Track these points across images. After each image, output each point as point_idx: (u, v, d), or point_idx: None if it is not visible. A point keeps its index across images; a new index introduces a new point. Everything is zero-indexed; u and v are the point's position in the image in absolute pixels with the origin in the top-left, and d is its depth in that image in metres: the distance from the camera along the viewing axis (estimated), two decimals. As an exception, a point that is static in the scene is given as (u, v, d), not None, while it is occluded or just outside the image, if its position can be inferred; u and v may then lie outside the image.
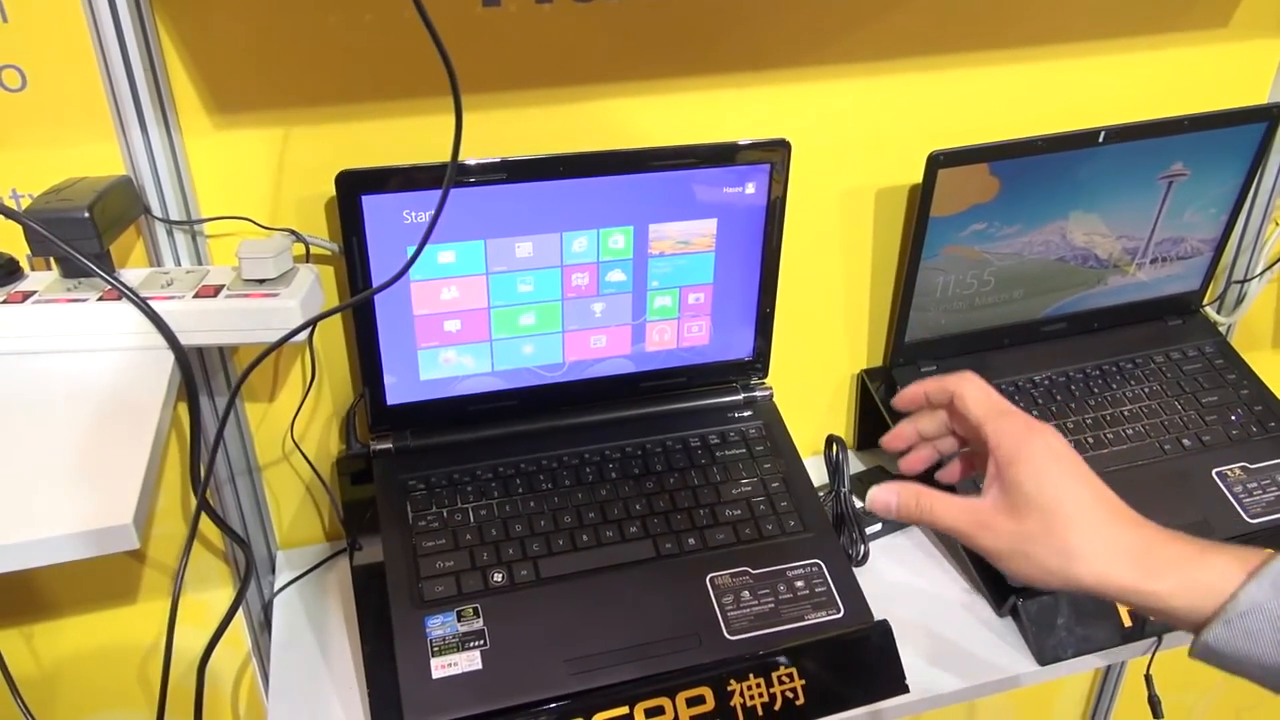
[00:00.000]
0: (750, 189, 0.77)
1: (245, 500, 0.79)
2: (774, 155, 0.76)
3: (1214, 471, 0.84)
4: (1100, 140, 0.81)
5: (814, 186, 0.83)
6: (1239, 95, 0.91)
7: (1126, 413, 0.88)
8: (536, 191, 0.72)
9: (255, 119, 0.68)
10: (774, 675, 0.68)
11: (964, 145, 0.78)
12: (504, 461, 0.79)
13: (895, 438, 0.63)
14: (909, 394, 0.60)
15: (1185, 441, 0.86)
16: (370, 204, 0.69)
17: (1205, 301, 0.98)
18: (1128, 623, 0.74)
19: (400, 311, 0.74)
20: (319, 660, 0.73)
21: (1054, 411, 0.87)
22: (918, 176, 0.83)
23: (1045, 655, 0.73)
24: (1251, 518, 0.81)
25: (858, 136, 0.83)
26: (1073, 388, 0.90)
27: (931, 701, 0.71)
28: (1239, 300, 1.02)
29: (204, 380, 0.72)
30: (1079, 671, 0.74)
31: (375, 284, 0.71)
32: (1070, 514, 0.51)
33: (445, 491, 0.76)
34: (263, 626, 0.84)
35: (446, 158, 0.68)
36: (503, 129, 0.74)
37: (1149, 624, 0.75)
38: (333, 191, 0.69)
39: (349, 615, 0.77)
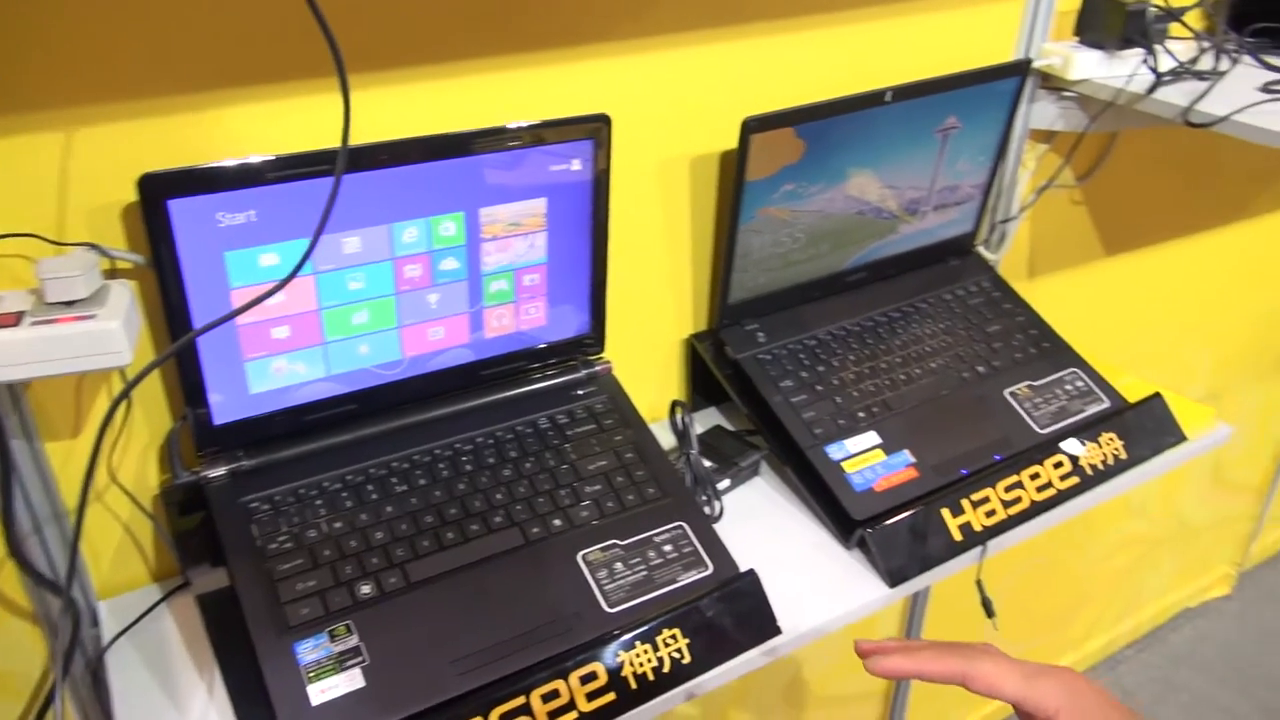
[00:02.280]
0: (576, 165, 0.77)
1: (55, 550, 0.71)
2: (596, 130, 0.76)
3: (1005, 392, 0.94)
4: (887, 99, 0.87)
5: (632, 158, 0.84)
6: (992, 53, 1.01)
7: (927, 349, 0.96)
8: (361, 182, 0.68)
9: (31, 121, 0.60)
10: (658, 639, 0.69)
11: (772, 111, 0.81)
12: (352, 469, 0.75)
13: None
14: (890, 667, 0.59)
15: (979, 368, 0.95)
16: (179, 208, 0.63)
17: (977, 242, 1.09)
18: (958, 536, 0.82)
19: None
20: (173, 713, 0.67)
21: (866, 355, 0.94)
22: (727, 143, 0.86)
23: (895, 577, 0.79)
24: (1041, 429, 0.91)
25: (670, 106, 0.84)
26: (880, 331, 0.97)
27: (802, 638, 0.75)
28: (1002, 239, 1.14)
29: (-5, 422, 0.63)
30: (924, 585, 0.81)
31: (191, 295, 0.66)
32: None
33: (293, 509, 0.71)
34: (90, 689, 0.75)
35: (257, 153, 0.64)
36: (309, 119, 0.70)
37: (975, 535, 0.82)
38: (129, 197, 0.63)
39: (199, 656, 0.71)
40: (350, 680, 0.63)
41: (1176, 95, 0.95)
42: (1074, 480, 0.88)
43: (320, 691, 0.62)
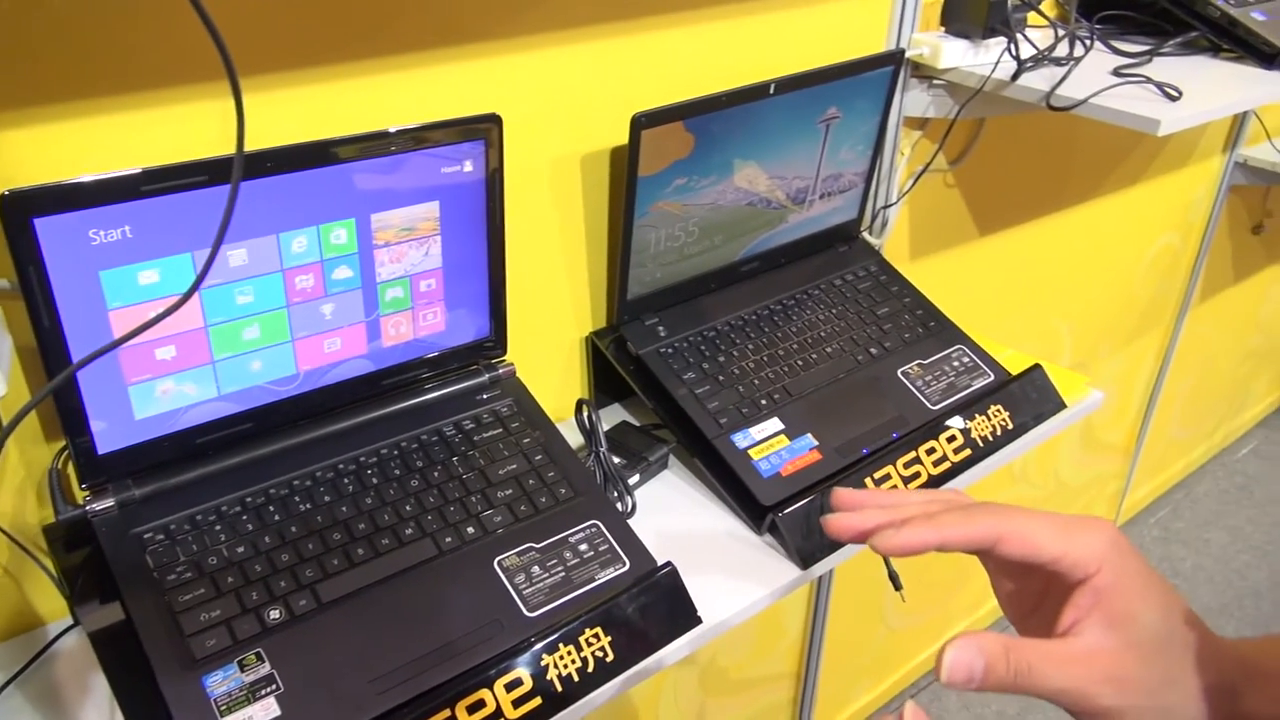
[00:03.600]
0: (468, 167, 0.75)
1: (-74, 602, 0.66)
2: (487, 130, 0.75)
3: (898, 372, 0.97)
4: (771, 91, 0.89)
5: (523, 158, 0.84)
6: (865, 44, 1.04)
7: (822, 334, 0.99)
8: (244, 192, 0.66)
9: None
10: (581, 640, 0.69)
11: (661, 106, 0.82)
12: (251, 491, 0.72)
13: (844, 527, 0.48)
14: (912, 541, 0.44)
15: (872, 350, 0.98)
16: (46, 227, 0.59)
17: (862, 228, 1.12)
18: (863, 514, 0.84)
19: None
20: (71, 761, 0.63)
21: (765, 343, 0.96)
22: (617, 139, 0.87)
23: (807, 559, 0.81)
24: (933, 405, 0.95)
25: (559, 104, 0.84)
26: (775, 319, 0.99)
27: (722, 625, 0.76)
28: (884, 224, 1.17)
29: None
30: (835, 565, 0.83)
31: (66, 320, 0.62)
32: (1201, 644, 0.42)
33: (191, 537, 0.68)
34: (-26, 745, 0.70)
35: (124, 166, 0.61)
36: (184, 128, 0.66)
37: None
38: (-11, 218, 0.58)
39: (98, 700, 0.67)
40: (265, 710, 0.61)
41: (1038, 81, 1.01)
42: (967, 453, 0.91)
43: (234, 725, 0.60)
